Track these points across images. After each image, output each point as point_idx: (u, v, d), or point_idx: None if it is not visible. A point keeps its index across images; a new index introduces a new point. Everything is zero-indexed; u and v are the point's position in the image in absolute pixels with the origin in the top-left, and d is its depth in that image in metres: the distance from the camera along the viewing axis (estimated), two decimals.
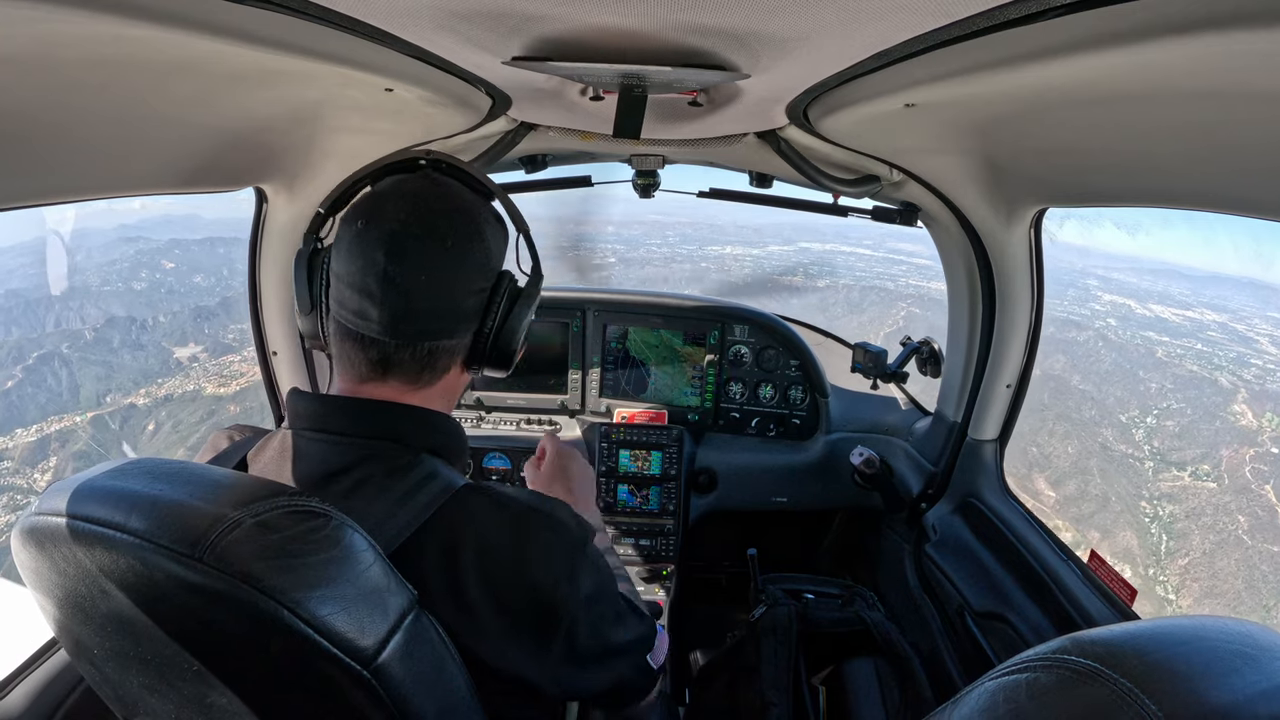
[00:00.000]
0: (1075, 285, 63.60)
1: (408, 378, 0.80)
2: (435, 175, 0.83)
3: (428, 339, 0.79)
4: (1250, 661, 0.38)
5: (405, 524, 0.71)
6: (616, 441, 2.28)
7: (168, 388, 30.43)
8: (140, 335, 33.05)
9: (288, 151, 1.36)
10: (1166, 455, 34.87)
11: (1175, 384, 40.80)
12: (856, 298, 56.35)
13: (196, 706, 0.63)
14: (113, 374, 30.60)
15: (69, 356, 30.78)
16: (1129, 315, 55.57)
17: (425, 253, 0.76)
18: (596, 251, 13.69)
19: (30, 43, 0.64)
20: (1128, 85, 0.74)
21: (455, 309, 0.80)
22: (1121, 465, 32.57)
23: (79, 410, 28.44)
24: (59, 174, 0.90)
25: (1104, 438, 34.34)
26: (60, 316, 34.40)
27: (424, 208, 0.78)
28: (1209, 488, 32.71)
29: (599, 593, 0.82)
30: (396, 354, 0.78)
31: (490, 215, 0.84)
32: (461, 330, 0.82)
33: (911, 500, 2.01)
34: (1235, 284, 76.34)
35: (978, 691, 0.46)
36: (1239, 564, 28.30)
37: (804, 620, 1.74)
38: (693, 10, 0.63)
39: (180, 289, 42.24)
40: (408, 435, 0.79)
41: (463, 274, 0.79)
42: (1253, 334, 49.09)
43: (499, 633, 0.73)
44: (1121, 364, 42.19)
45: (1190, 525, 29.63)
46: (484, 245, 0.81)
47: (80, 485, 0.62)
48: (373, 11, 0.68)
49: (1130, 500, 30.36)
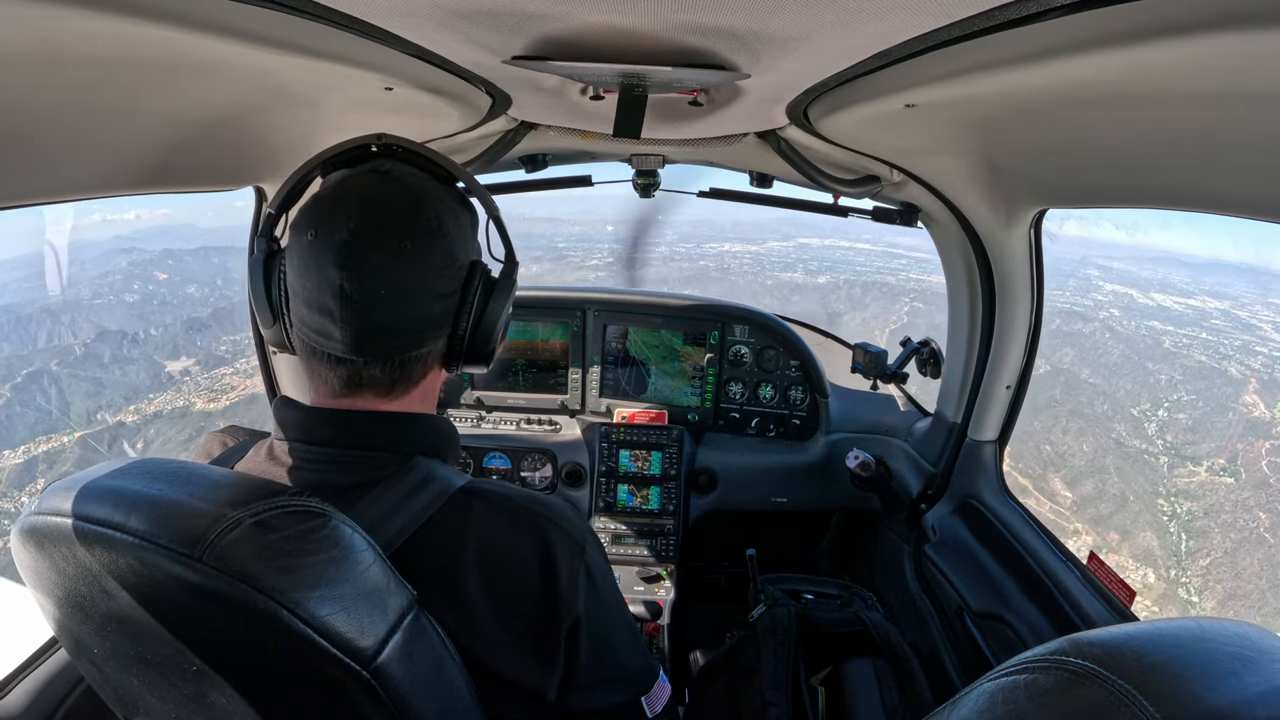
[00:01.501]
0: (1076, 275, 63.02)
1: (380, 391, 0.77)
2: (387, 166, 0.76)
3: (396, 354, 0.75)
4: (1248, 663, 0.38)
5: (404, 526, 0.71)
6: (616, 441, 2.28)
7: (158, 403, 29.58)
8: (131, 349, 32.43)
9: (287, 151, 1.36)
10: (1181, 450, 33.97)
11: (1185, 375, 40.02)
12: (859, 294, 55.83)
13: (196, 706, 0.63)
14: (103, 390, 29.89)
15: (58, 374, 30.26)
16: (1132, 305, 54.87)
17: (383, 263, 0.70)
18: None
19: (30, 41, 0.64)
20: (1128, 85, 0.74)
21: (423, 318, 0.75)
22: (1137, 462, 31.74)
23: (69, 429, 27.73)
24: (58, 172, 0.90)
25: (1118, 433, 33.56)
26: (52, 332, 33.84)
27: (375, 210, 0.71)
28: (1226, 483, 31.88)
29: (602, 594, 0.81)
30: (366, 370, 0.75)
31: (453, 202, 0.78)
32: (432, 337, 0.77)
33: (911, 501, 2.01)
34: (1235, 270, 75.93)
35: (977, 692, 0.46)
36: (1262, 563, 27.53)
37: (803, 621, 1.74)
38: (693, 10, 0.63)
39: (173, 300, 41.53)
40: (395, 442, 0.77)
41: (426, 279, 0.73)
42: (1256, 320, 48.44)
43: (499, 634, 0.73)
44: (1130, 355, 41.51)
45: (1210, 523, 28.87)
46: (446, 241, 0.75)
47: (80, 485, 0.62)
48: (373, 10, 0.68)
49: (1148, 499, 29.57)
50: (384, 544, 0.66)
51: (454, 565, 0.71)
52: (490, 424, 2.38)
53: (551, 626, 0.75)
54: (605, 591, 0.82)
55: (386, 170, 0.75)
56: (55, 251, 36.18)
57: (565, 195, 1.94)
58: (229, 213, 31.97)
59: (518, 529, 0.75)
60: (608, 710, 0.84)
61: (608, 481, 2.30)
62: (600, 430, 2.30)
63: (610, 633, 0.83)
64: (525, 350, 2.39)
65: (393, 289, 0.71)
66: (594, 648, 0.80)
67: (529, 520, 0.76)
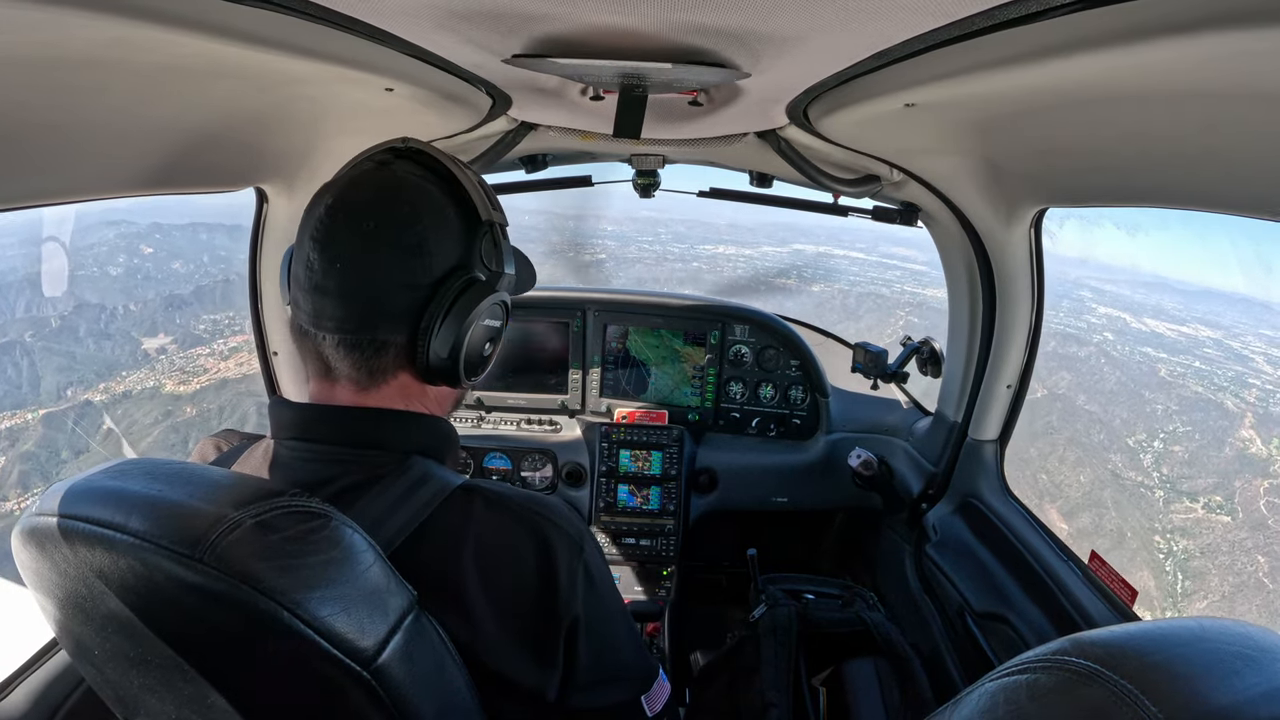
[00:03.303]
0: (1069, 297, 62.81)
1: (353, 382, 0.76)
2: (392, 161, 0.76)
3: (350, 333, 0.73)
4: (1250, 663, 0.38)
5: (403, 525, 0.71)
6: (616, 441, 2.28)
7: (128, 383, 27.88)
8: (109, 324, 31.56)
9: (288, 152, 1.36)
10: (1177, 484, 32.73)
11: (1180, 405, 39.13)
12: (853, 304, 55.39)
13: (196, 707, 0.62)
14: (74, 365, 28.72)
15: (32, 346, 29.35)
16: (1125, 329, 54.33)
17: (345, 239, 0.71)
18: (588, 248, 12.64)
19: (31, 43, 0.64)
20: (1128, 85, 0.74)
21: (378, 300, 0.73)
22: (1134, 495, 30.65)
23: (36, 405, 26.41)
24: (59, 174, 0.90)
25: (1114, 464, 32.67)
26: (31, 301, 32.85)
27: (354, 191, 0.73)
28: (1223, 521, 30.63)
29: (600, 594, 0.81)
30: (334, 353, 0.74)
31: (446, 202, 0.76)
32: (388, 326, 0.74)
33: (912, 500, 2.01)
34: (1227, 299, 75.93)
35: (978, 692, 0.46)
36: (1261, 609, 26.20)
37: (804, 621, 1.74)
38: (693, 9, 0.63)
39: (158, 275, 40.09)
40: (389, 440, 0.77)
41: (386, 262, 0.72)
42: (1248, 351, 47.78)
43: (498, 633, 0.72)
44: (1125, 383, 40.57)
45: (1207, 564, 27.63)
46: (417, 230, 0.72)
47: (80, 486, 0.62)
48: (372, 11, 0.68)
49: (1145, 535, 28.49)
50: (384, 543, 0.66)
51: (453, 564, 0.71)
52: (490, 424, 2.38)
53: (550, 626, 0.75)
54: (604, 591, 0.82)
55: (385, 162, 0.76)
56: (45, 222, 34.75)
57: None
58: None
59: (517, 528, 0.75)
60: (608, 709, 0.84)
61: (608, 481, 2.30)
62: (600, 430, 2.30)
63: (609, 632, 0.83)
64: (525, 350, 2.39)
65: (348, 264, 0.72)
66: (593, 647, 0.79)
67: (528, 520, 0.76)
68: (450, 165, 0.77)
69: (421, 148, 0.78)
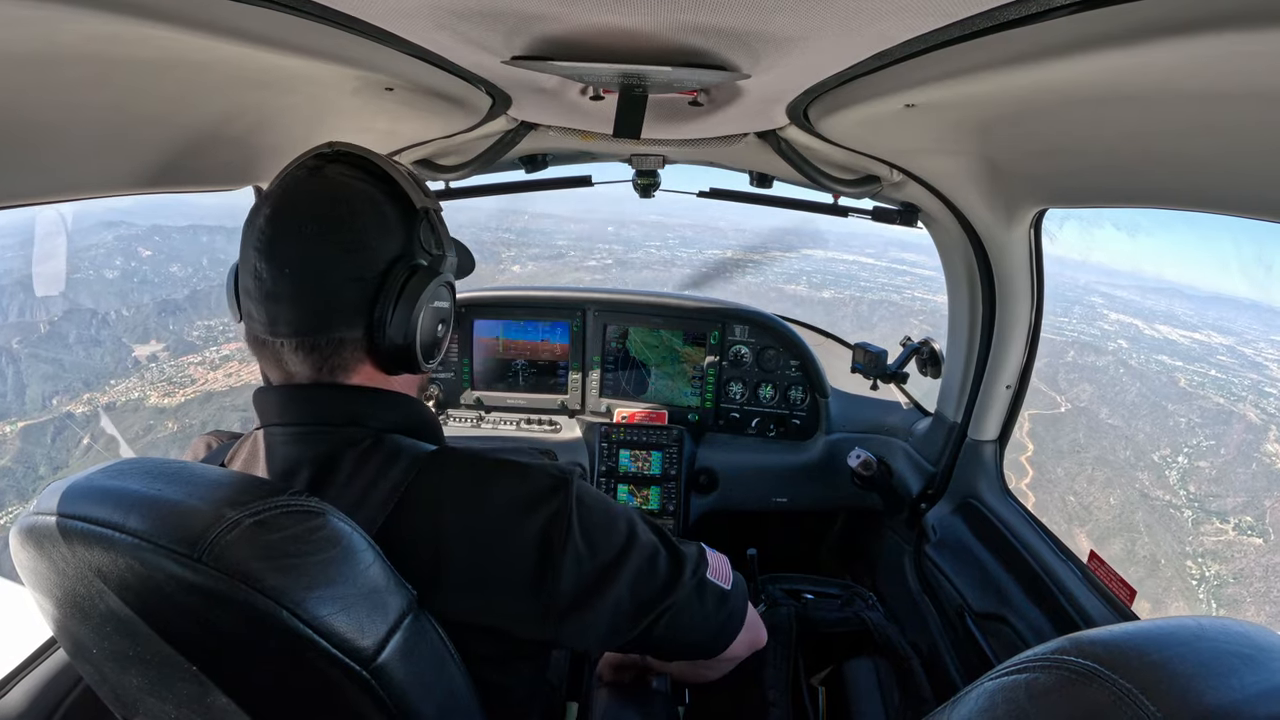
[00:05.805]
0: (1081, 303, 62.17)
1: (311, 377, 0.77)
2: (323, 165, 0.77)
3: (307, 335, 0.74)
4: (1249, 662, 0.38)
5: (383, 501, 0.71)
6: (616, 441, 2.28)
7: (114, 393, 26.66)
8: (100, 330, 30.81)
9: (287, 151, 1.35)
10: (1205, 503, 30.80)
11: (1203, 418, 37.50)
12: (865, 311, 54.61)
13: (196, 707, 0.63)
14: (62, 373, 27.28)
15: (19, 352, 28.61)
16: (1138, 336, 53.19)
17: (288, 244, 0.73)
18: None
19: (28, 40, 0.64)
20: (1128, 85, 0.74)
21: (328, 297, 0.74)
22: (1163, 516, 28.82)
23: (16, 417, 25.33)
24: (57, 172, 0.90)
25: (1142, 483, 30.70)
26: (25, 305, 32.10)
27: (288, 197, 0.74)
28: (1255, 544, 28.90)
29: (597, 521, 0.78)
30: (291, 356, 0.75)
31: (375, 198, 0.77)
32: (342, 322, 0.75)
33: (911, 501, 2.01)
34: (1237, 305, 75.48)
35: (977, 692, 0.46)
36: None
37: (804, 621, 1.74)
38: (693, 10, 0.63)
39: (155, 278, 39.24)
40: (364, 415, 0.77)
41: (330, 259, 0.73)
42: (1261, 359, 46.76)
43: (490, 587, 0.72)
44: (1146, 394, 39.32)
45: (1241, 591, 26.13)
46: (356, 228, 0.74)
47: (79, 485, 0.62)
48: (372, 11, 0.68)
49: (1177, 560, 26.66)
50: (369, 520, 0.67)
51: (438, 528, 0.71)
52: (490, 424, 2.38)
53: (547, 562, 0.73)
54: (604, 520, 0.80)
55: (316, 168, 0.77)
56: (40, 222, 33.97)
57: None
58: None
59: (494, 481, 0.75)
60: (673, 610, 0.82)
61: (608, 481, 2.30)
62: (600, 430, 2.30)
63: (629, 559, 0.80)
64: (525, 350, 2.39)
65: (296, 269, 0.73)
66: (621, 582, 0.77)
67: (504, 471, 0.76)
68: (379, 161, 0.79)
69: (348, 149, 0.80)
